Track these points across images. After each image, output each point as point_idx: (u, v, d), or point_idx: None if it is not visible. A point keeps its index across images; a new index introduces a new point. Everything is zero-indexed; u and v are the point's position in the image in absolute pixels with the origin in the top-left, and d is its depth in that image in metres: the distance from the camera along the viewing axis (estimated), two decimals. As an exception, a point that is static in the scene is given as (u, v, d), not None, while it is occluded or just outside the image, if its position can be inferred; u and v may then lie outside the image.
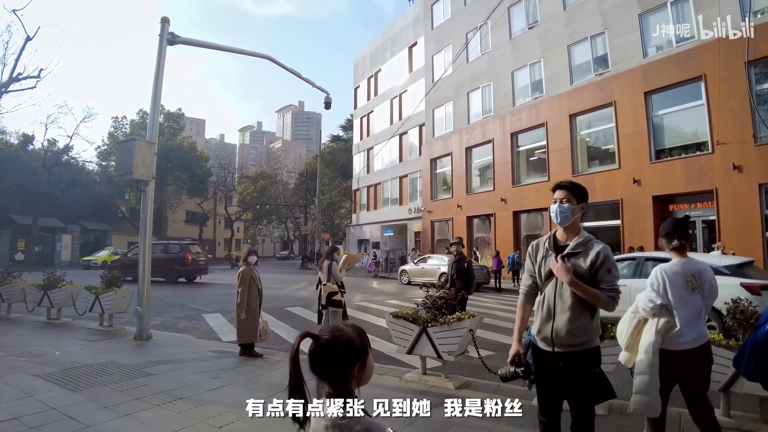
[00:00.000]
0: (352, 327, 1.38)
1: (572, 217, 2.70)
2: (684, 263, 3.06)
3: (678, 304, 2.99)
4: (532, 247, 2.88)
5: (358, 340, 1.35)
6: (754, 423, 3.66)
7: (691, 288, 3.00)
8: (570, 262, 2.62)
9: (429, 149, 28.03)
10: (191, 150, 45.56)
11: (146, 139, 7.94)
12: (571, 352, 2.61)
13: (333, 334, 1.34)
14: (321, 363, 1.32)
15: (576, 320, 2.59)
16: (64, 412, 4.08)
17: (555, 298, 2.66)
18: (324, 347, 1.31)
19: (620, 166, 17.20)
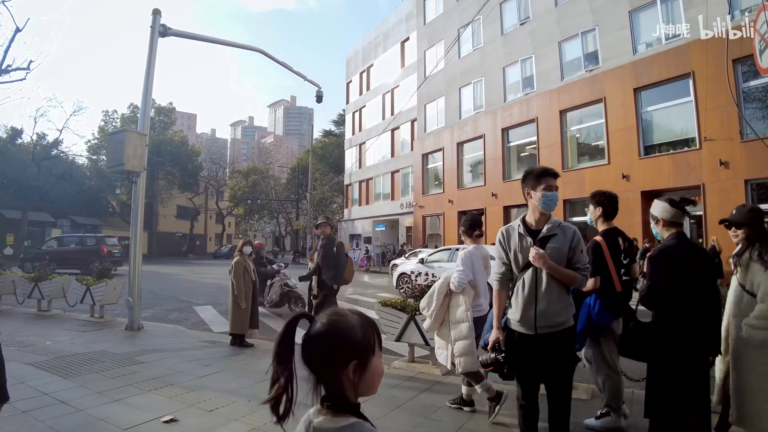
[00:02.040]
0: (358, 315, 1.10)
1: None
2: (479, 248, 4.02)
3: (478, 279, 3.90)
4: (503, 234, 2.90)
5: (360, 332, 1.06)
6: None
7: (484, 267, 3.97)
8: (548, 245, 2.70)
9: (421, 144, 28.11)
10: (182, 144, 45.25)
11: (138, 131, 7.96)
12: (552, 333, 2.69)
13: (331, 318, 1.08)
14: (313, 353, 1.06)
15: (558, 301, 2.70)
16: (56, 397, 4.12)
17: (536, 282, 2.72)
18: (318, 333, 1.06)
19: (609, 162, 17.39)
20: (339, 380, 1.04)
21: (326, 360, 1.04)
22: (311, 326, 1.07)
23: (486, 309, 3.89)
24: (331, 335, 1.05)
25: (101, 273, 8.84)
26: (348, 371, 1.03)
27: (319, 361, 1.05)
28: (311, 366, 1.06)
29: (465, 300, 3.80)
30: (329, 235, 6.69)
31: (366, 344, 1.06)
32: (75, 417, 3.70)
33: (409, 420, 3.73)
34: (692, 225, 15.94)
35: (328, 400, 1.06)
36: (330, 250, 6.52)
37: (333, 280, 6.40)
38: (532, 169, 2.86)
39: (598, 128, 18.27)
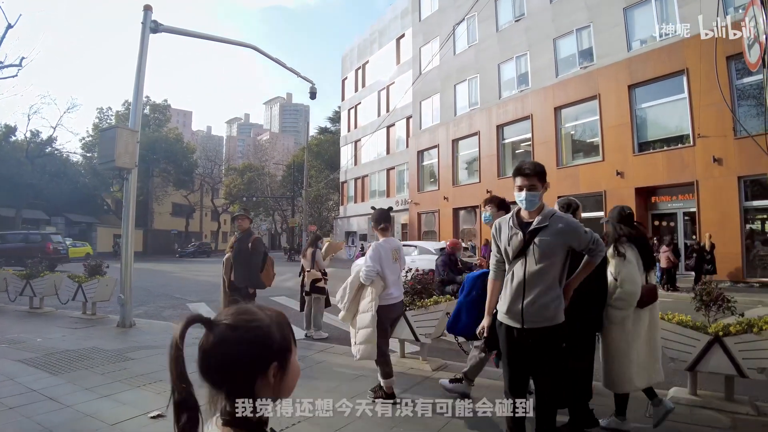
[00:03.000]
0: (268, 310, 0.97)
1: (539, 201, 2.76)
2: (388, 241, 4.20)
3: (387, 271, 4.05)
4: (496, 227, 2.92)
5: (277, 330, 0.93)
6: (719, 401, 3.80)
7: (394, 259, 4.15)
8: (538, 238, 2.68)
9: (416, 141, 28.10)
10: (177, 141, 45.10)
11: (129, 127, 7.93)
12: (540, 328, 2.67)
13: (237, 318, 0.92)
14: (217, 364, 0.88)
15: (546, 294, 2.66)
16: (45, 393, 4.10)
17: (525, 275, 2.71)
18: (223, 339, 0.89)
19: (604, 159, 17.43)
20: (252, 389, 0.90)
21: (241, 367, 0.89)
22: (213, 331, 0.90)
23: (395, 298, 4.16)
24: (248, 337, 0.90)
25: (93, 270, 8.79)
26: (268, 376, 0.90)
27: (231, 370, 0.89)
28: (217, 378, 0.90)
29: (372, 291, 3.97)
30: (246, 229, 5.97)
31: (285, 343, 0.94)
32: (63, 413, 3.69)
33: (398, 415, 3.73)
34: (686, 221, 16.02)
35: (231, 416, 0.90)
36: (244, 246, 5.74)
37: (245, 281, 5.60)
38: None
39: (592, 125, 18.31)
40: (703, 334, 3.74)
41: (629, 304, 3.30)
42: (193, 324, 0.91)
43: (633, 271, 3.29)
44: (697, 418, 3.56)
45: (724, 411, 3.64)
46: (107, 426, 3.41)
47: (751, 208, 14.20)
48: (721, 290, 3.99)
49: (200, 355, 0.90)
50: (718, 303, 3.94)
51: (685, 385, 3.98)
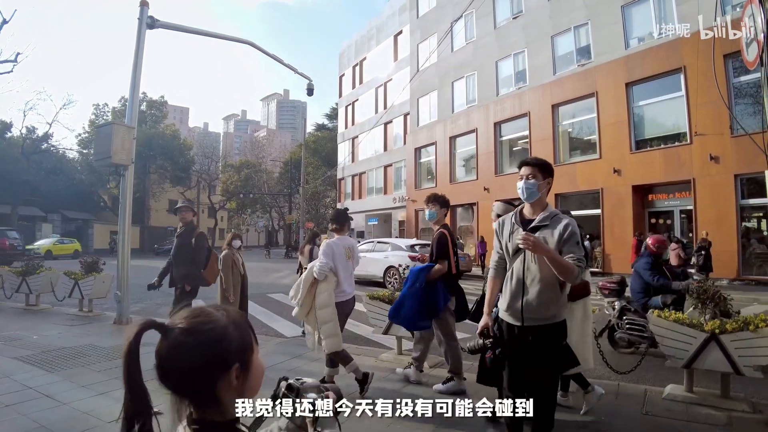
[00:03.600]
0: (224, 310, 0.94)
1: (538, 193, 2.75)
2: (342, 239, 4.39)
3: (340, 268, 4.21)
4: (499, 224, 2.92)
5: (234, 330, 0.91)
6: (715, 398, 3.82)
7: (347, 257, 4.31)
8: (537, 235, 2.63)
9: (413, 138, 28.09)
10: (174, 138, 44.88)
11: (125, 124, 7.89)
12: (540, 326, 2.66)
13: (192, 321, 0.89)
14: (175, 371, 0.86)
15: (546, 293, 2.64)
16: (41, 390, 4.09)
17: (524, 272, 2.69)
18: (179, 344, 0.86)
19: (601, 156, 17.45)
20: (214, 393, 0.87)
21: (200, 372, 0.86)
22: (167, 335, 0.87)
23: (349, 295, 4.33)
24: (204, 340, 0.87)
25: (89, 267, 8.76)
26: (230, 378, 0.88)
27: (190, 375, 0.85)
28: (177, 385, 0.87)
29: (327, 287, 4.13)
30: (189, 222, 5.50)
31: (245, 342, 0.92)
32: (59, 410, 3.68)
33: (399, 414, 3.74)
34: (683, 219, 16.06)
35: (198, 423, 0.88)
36: (187, 241, 5.32)
37: (186, 279, 5.25)
38: None
39: (590, 122, 18.32)
40: (699, 331, 3.76)
41: None
42: (147, 330, 0.88)
43: None
44: (693, 415, 3.57)
45: (720, 408, 3.66)
46: (104, 423, 3.40)
47: (747, 206, 14.25)
48: (718, 288, 4.00)
49: (157, 362, 0.87)
50: (715, 302, 3.95)
51: (681, 382, 4.00)
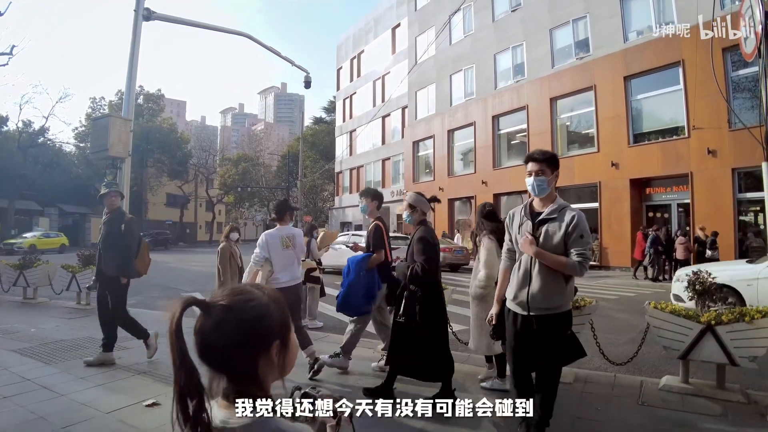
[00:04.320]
0: (263, 289, 0.96)
1: (548, 188, 2.82)
2: (280, 229, 4.60)
3: (275, 257, 4.43)
4: (509, 216, 3.03)
5: (275, 308, 0.92)
6: (711, 389, 3.83)
7: (285, 246, 4.50)
8: (545, 227, 2.76)
9: (411, 131, 28.03)
10: (171, 131, 44.76)
11: (122, 116, 7.85)
12: (545, 316, 2.73)
13: (234, 299, 0.90)
14: (217, 348, 0.86)
15: (551, 285, 2.73)
16: (39, 382, 4.09)
17: (531, 264, 2.77)
18: (222, 321, 0.86)
19: (599, 150, 17.44)
20: (255, 368, 0.89)
21: (243, 348, 0.87)
22: (210, 313, 0.87)
23: (283, 282, 4.46)
24: (248, 317, 0.88)
25: (87, 260, 8.74)
26: (271, 354, 0.90)
27: (233, 351, 0.86)
28: (219, 361, 0.88)
29: (262, 275, 4.44)
30: (117, 208, 5.05)
31: (284, 320, 0.93)
32: (57, 402, 3.68)
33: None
34: (680, 213, 16.09)
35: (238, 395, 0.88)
36: (115, 229, 4.87)
37: (115, 270, 4.83)
38: None
39: (588, 116, 18.30)
40: (695, 323, 3.77)
41: (488, 284, 3.96)
42: (190, 306, 0.88)
43: (491, 258, 3.92)
44: (688, 405, 3.59)
45: (716, 399, 3.68)
46: (102, 414, 3.40)
47: (744, 200, 14.28)
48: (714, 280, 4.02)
49: (198, 340, 0.87)
50: (711, 293, 3.97)
51: (677, 373, 4.02)
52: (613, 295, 10.81)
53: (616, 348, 4.55)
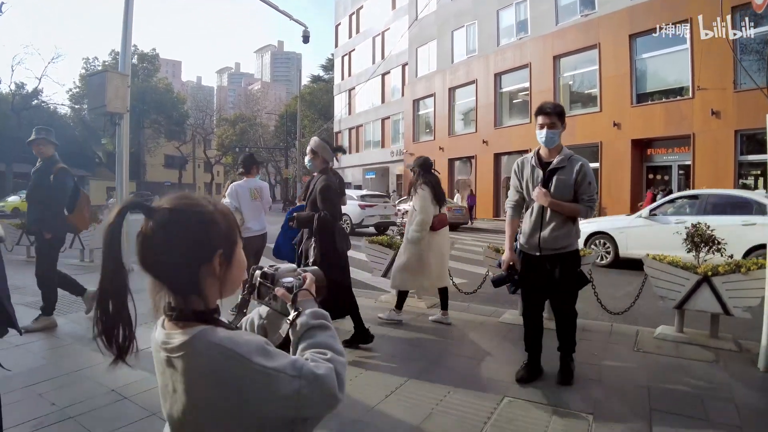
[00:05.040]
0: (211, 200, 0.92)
1: (558, 140, 3.00)
2: (248, 182, 4.97)
3: (245, 207, 4.78)
4: (518, 165, 3.21)
5: (221, 218, 0.89)
6: (704, 338, 3.94)
7: (253, 197, 4.88)
8: (556, 176, 2.98)
9: (412, 90, 27.59)
10: (167, 92, 44.04)
11: (119, 72, 7.71)
12: (556, 255, 3.02)
13: (178, 202, 0.86)
14: (158, 250, 0.83)
15: (560, 228, 3.00)
16: (49, 332, 4.19)
17: (542, 210, 3.03)
18: (164, 223, 0.83)
19: (601, 110, 17.25)
20: (197, 279, 0.85)
21: (185, 253, 0.83)
22: (153, 216, 0.83)
23: (254, 231, 4.82)
24: (191, 221, 0.84)
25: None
26: (214, 264, 0.86)
27: (174, 256, 0.83)
28: (160, 266, 0.84)
29: None
30: (49, 157, 4.38)
31: (230, 232, 0.90)
32: (69, 348, 3.79)
33: (395, 347, 3.88)
34: (680, 175, 16.06)
35: (175, 310, 0.85)
36: (44, 180, 4.28)
37: (41, 224, 4.26)
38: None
39: (591, 75, 18.00)
40: (692, 273, 3.85)
41: (423, 229, 4.30)
42: (131, 209, 0.85)
43: (427, 205, 4.30)
44: (682, 352, 3.70)
45: (709, 347, 3.79)
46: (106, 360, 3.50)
47: (746, 163, 14.24)
48: (712, 232, 4.06)
49: (140, 242, 0.84)
50: (709, 244, 4.02)
51: (672, 324, 4.12)
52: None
53: (613, 301, 4.65)
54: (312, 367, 0.82)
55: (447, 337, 4.16)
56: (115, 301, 0.81)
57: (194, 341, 0.80)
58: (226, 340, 0.80)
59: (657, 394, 2.94)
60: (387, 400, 2.88)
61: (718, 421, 2.61)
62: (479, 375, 3.32)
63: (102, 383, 3.07)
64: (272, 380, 0.79)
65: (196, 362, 0.80)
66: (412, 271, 4.41)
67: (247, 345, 0.80)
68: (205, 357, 0.79)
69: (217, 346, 0.79)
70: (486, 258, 5.05)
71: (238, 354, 0.78)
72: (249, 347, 0.80)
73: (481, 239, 13.70)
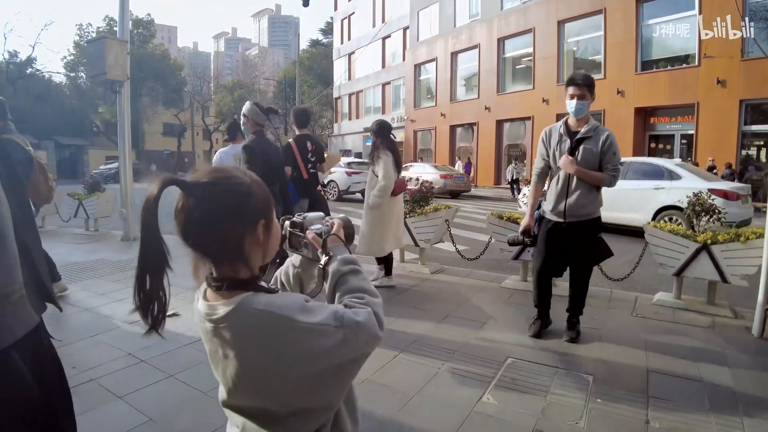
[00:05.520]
0: (243, 171, 0.93)
1: (587, 111, 3.12)
2: (233, 147, 5.09)
3: None
4: (545, 133, 3.33)
5: (258, 188, 0.91)
6: (701, 304, 4.04)
7: (239, 161, 4.57)
8: (583, 146, 3.11)
9: (413, 54, 27.12)
10: (164, 58, 43.13)
11: (117, 38, 7.59)
12: (580, 222, 3.17)
13: (216, 176, 0.87)
14: (202, 222, 0.84)
15: (586, 196, 3.14)
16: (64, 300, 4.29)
17: (569, 178, 3.16)
18: (206, 199, 0.84)
19: (605, 77, 17.01)
20: (242, 246, 0.87)
21: (232, 226, 0.86)
22: (192, 191, 0.85)
23: None
24: (233, 194, 0.87)
25: (93, 187, 8.81)
26: (258, 233, 0.89)
27: (220, 229, 0.85)
28: (204, 239, 0.86)
29: None
30: None
31: (268, 201, 0.93)
32: (82, 315, 3.89)
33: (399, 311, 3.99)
34: (683, 144, 15.98)
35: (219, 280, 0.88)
36: None
37: None
38: None
39: (596, 41, 17.69)
40: (692, 241, 3.92)
41: (385, 194, 4.38)
42: (169, 185, 0.84)
43: (389, 170, 4.35)
44: (679, 318, 3.81)
45: (705, 313, 3.89)
46: (126, 324, 3.61)
47: (749, 133, 14.17)
48: (713, 202, 4.12)
49: (181, 218, 0.85)
50: (710, 213, 4.08)
51: (670, 291, 4.21)
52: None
53: (613, 268, 4.72)
54: (352, 315, 0.86)
55: (450, 302, 4.27)
56: (153, 277, 0.84)
57: (238, 310, 0.84)
58: (268, 305, 0.84)
59: (654, 358, 3.05)
60: (392, 362, 3.00)
61: (712, 382, 2.72)
62: (483, 337, 3.44)
63: (119, 347, 3.18)
64: (317, 335, 0.83)
65: (243, 330, 0.84)
66: (375, 236, 4.52)
67: (288, 306, 0.84)
68: (252, 324, 0.84)
69: (261, 312, 0.83)
70: (489, 225, 5.09)
71: (281, 316, 0.82)
72: (290, 308, 0.84)
73: (482, 207, 13.76)
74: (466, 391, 2.62)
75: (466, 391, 2.63)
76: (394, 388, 2.66)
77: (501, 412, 2.43)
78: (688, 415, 2.37)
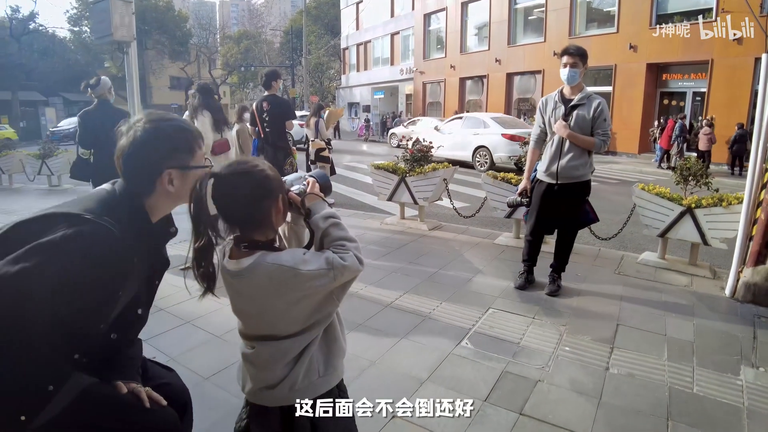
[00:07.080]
0: (258, 160, 1.24)
1: (579, 79, 3.40)
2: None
3: None
4: (543, 102, 3.61)
5: (272, 173, 1.22)
6: (683, 264, 4.25)
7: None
8: (576, 112, 3.37)
9: (422, 3, 26.25)
10: (168, 10, 42.07)
11: (121, -4, 7.57)
12: (570, 184, 3.45)
13: (241, 167, 1.19)
14: (238, 200, 1.17)
15: (577, 159, 3.40)
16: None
17: (562, 143, 3.42)
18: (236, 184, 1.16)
19: (618, 30, 16.59)
20: (270, 215, 1.19)
21: (261, 199, 1.17)
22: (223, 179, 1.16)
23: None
24: (258, 177, 1.18)
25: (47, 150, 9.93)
26: (279, 205, 1.21)
27: (253, 208, 1.17)
28: (240, 213, 1.19)
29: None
30: None
31: (281, 179, 1.24)
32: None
33: (394, 263, 4.30)
34: (696, 102, 15.71)
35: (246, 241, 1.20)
36: None
37: None
38: None
39: (609, -8, 17.08)
40: (677, 204, 4.10)
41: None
42: (210, 178, 1.16)
43: (206, 129, 4.41)
44: (660, 277, 4.04)
45: (685, 273, 4.11)
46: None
47: (762, 91, 13.86)
48: (702, 166, 4.26)
49: (219, 200, 1.17)
50: (697, 178, 4.24)
51: (656, 250, 4.43)
52: (614, 180, 11.13)
53: (605, 227, 4.93)
54: (339, 260, 1.17)
55: (443, 257, 4.55)
56: (207, 255, 1.17)
57: (256, 264, 1.15)
58: (277, 258, 1.15)
59: (626, 312, 3.32)
60: (384, 311, 3.33)
61: (674, 336, 2.98)
62: (469, 290, 3.74)
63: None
64: (314, 277, 1.15)
65: (260, 278, 1.16)
66: None
67: (291, 259, 1.15)
68: (266, 274, 1.15)
69: (272, 264, 1.15)
70: (484, 183, 5.27)
71: (286, 267, 1.14)
72: (293, 260, 1.15)
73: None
74: (446, 337, 2.95)
75: (447, 336, 2.95)
76: (385, 332, 3.00)
77: (475, 354, 2.75)
78: (645, 364, 2.65)
